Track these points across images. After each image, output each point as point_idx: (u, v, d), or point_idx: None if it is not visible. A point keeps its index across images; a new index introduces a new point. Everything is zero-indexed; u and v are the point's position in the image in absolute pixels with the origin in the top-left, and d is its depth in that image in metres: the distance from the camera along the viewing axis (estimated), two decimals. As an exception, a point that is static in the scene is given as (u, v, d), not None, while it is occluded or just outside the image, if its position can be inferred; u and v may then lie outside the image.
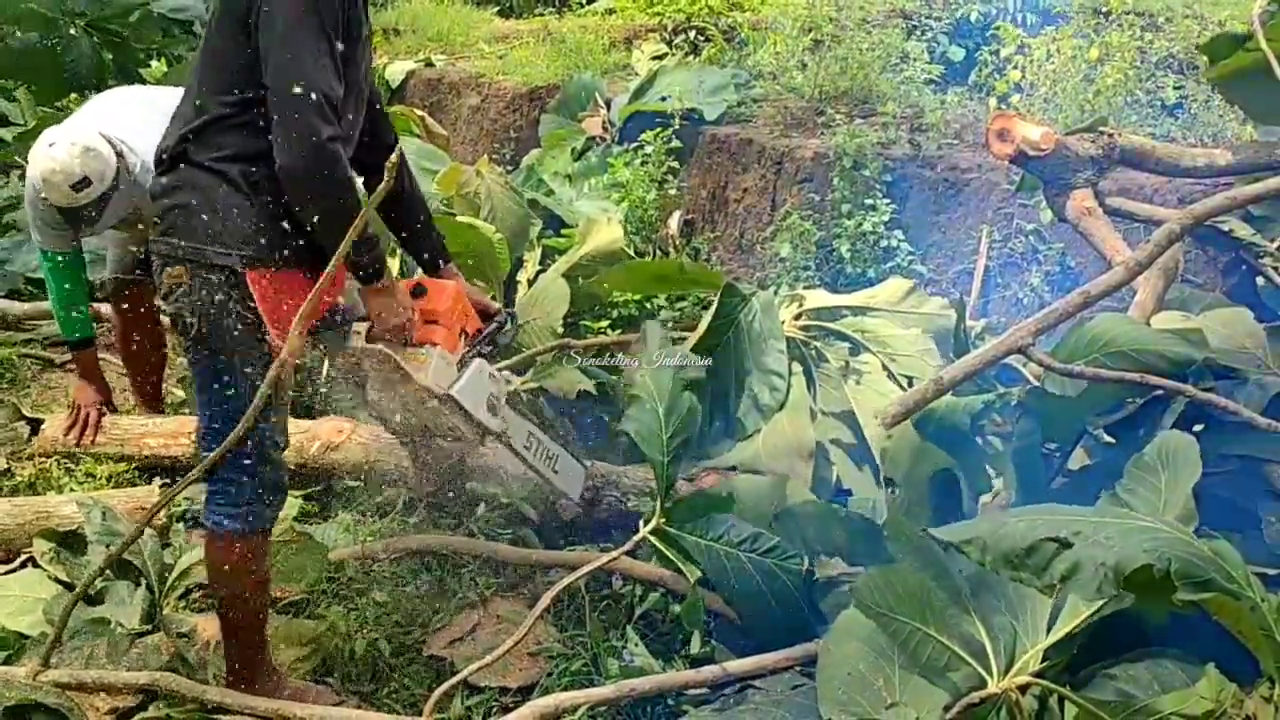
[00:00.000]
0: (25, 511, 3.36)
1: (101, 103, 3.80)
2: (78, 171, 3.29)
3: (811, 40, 6.21)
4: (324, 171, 2.27)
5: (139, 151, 3.41)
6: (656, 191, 5.62)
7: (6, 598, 3.04)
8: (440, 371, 2.70)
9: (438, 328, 2.72)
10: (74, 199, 3.33)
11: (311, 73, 2.24)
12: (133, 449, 3.90)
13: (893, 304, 4.06)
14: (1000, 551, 2.08)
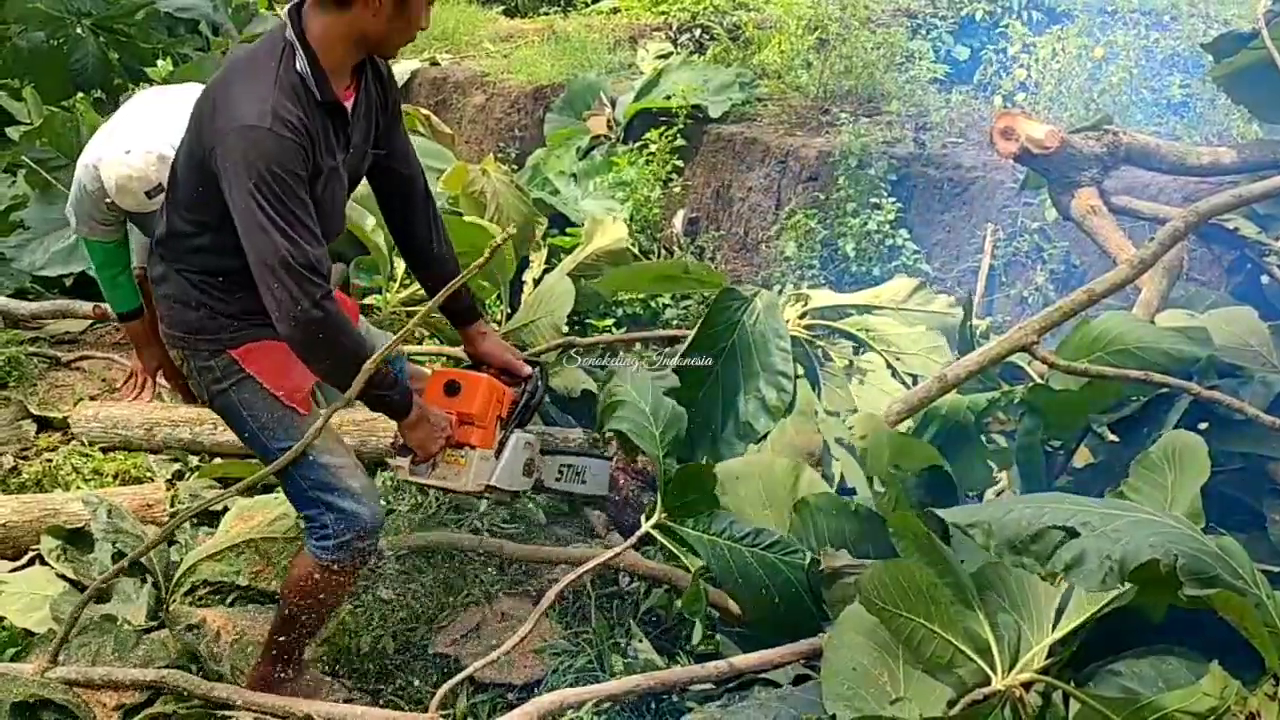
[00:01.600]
0: (32, 509, 3.37)
1: (160, 106, 3.80)
2: (154, 179, 3.29)
3: (816, 39, 6.21)
4: (318, 335, 2.35)
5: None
6: (661, 190, 5.63)
7: (14, 595, 3.06)
8: (480, 471, 2.73)
9: (474, 429, 2.71)
10: (146, 205, 3.34)
11: (281, 244, 2.27)
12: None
13: (898, 302, 4.06)
14: (1005, 536, 2.09)
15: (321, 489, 2.56)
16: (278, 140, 2.26)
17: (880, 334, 3.88)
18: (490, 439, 2.74)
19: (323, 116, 2.39)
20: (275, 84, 2.31)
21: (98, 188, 3.40)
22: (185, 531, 3.46)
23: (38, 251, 5.41)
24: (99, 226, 3.57)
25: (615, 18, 8.30)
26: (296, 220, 2.30)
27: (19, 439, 4.09)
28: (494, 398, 2.75)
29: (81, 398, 4.39)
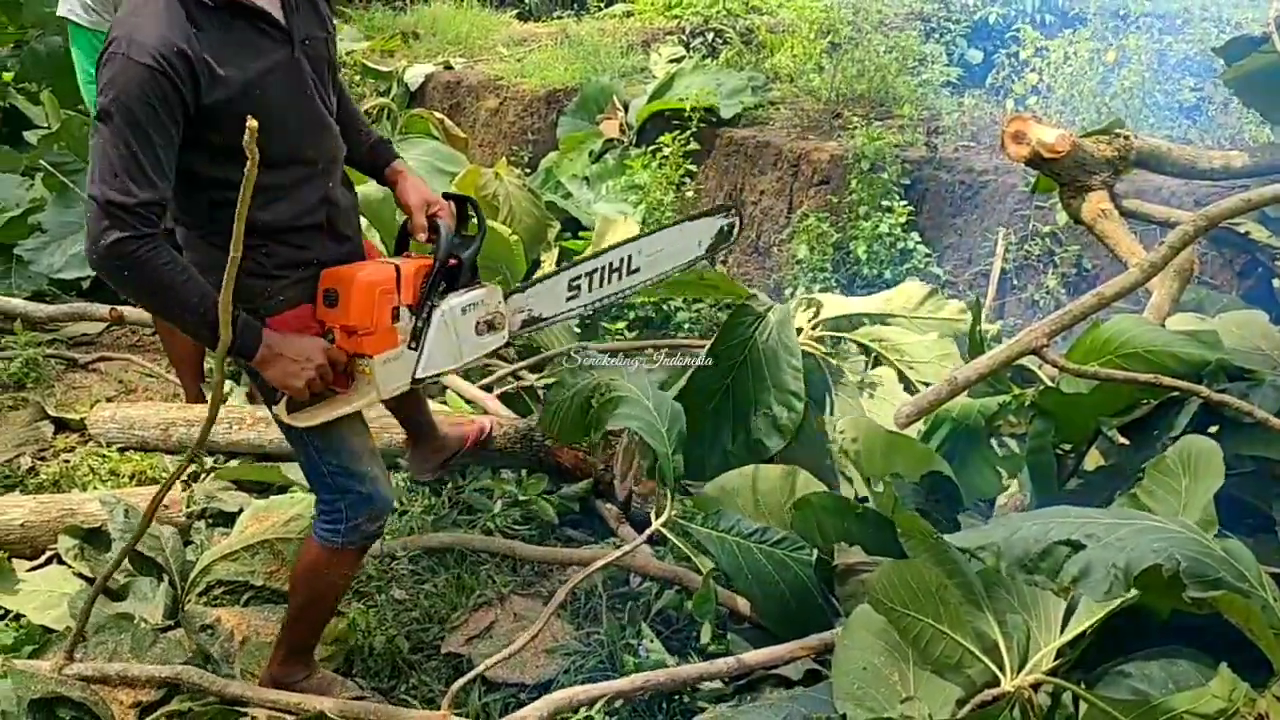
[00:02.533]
0: (50, 509, 3.40)
1: None
2: None
3: (829, 43, 6.23)
4: (119, 272, 2.20)
5: None
6: (674, 193, 5.64)
7: (33, 593, 3.09)
8: (391, 374, 2.50)
9: (364, 338, 2.44)
10: None
11: (101, 178, 2.16)
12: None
13: (910, 309, 4.07)
14: (1014, 556, 2.09)
15: (342, 474, 2.54)
16: (133, 67, 2.13)
17: (892, 343, 3.89)
18: (389, 340, 2.47)
19: (224, 24, 2.25)
20: (150, 3, 2.20)
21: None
22: (201, 532, 3.50)
23: (55, 254, 5.46)
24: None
25: (628, 21, 8.33)
26: (129, 156, 2.15)
27: (37, 440, 4.12)
28: (378, 292, 2.44)
29: (98, 399, 4.43)
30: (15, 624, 2.97)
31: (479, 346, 2.67)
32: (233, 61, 2.25)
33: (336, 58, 2.61)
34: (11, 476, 3.84)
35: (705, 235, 3.29)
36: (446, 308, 2.57)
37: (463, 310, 2.59)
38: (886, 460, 3.13)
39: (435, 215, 2.61)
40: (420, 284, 2.53)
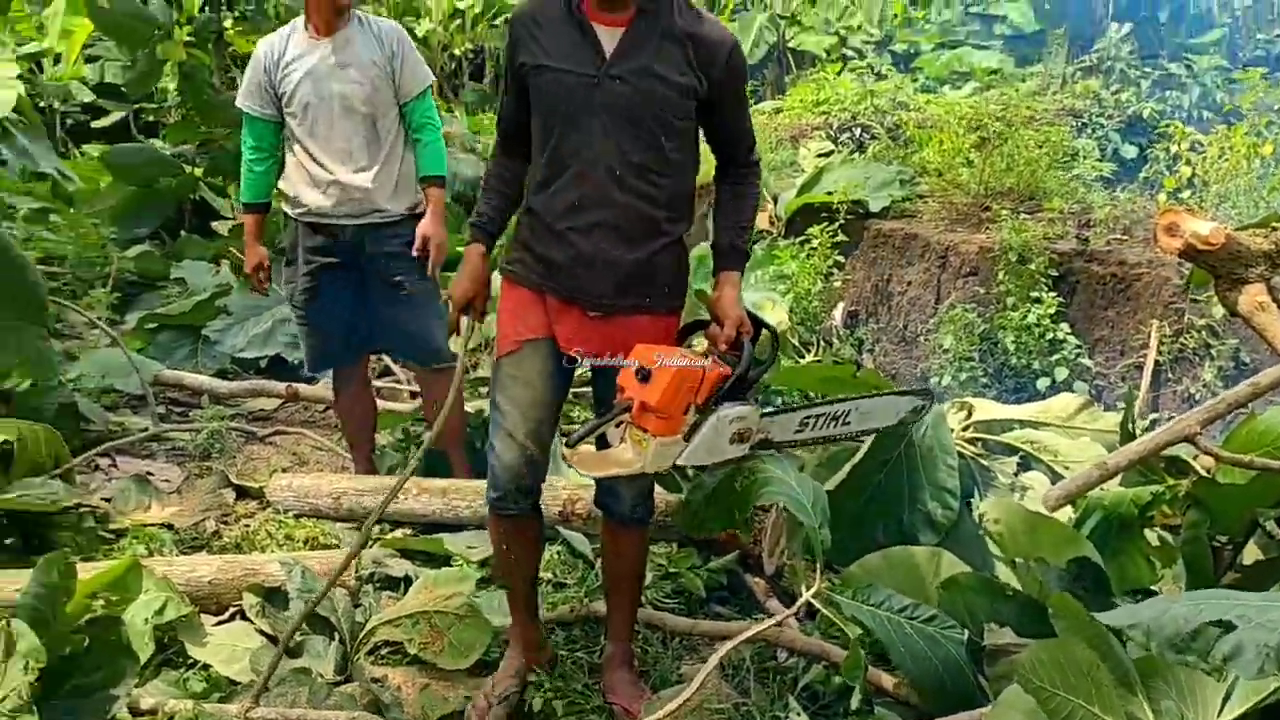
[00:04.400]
0: (234, 568, 3.64)
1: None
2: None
3: (978, 138, 6.32)
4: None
5: None
6: (821, 283, 5.76)
7: (219, 646, 3.31)
8: (661, 455, 2.70)
9: (653, 417, 2.65)
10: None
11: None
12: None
13: (1064, 419, 4.05)
14: (1164, 635, 2.10)
15: (488, 427, 2.92)
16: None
17: (1045, 445, 3.89)
18: (673, 428, 2.67)
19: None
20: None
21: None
22: (369, 595, 3.69)
23: (239, 335, 5.87)
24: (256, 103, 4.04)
25: (777, 118, 8.56)
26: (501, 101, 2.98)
27: (220, 505, 4.42)
28: (683, 389, 2.65)
29: (275, 469, 4.72)
30: (204, 673, 3.18)
31: (726, 452, 2.82)
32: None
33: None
34: (199, 538, 4.12)
35: (903, 409, 3.35)
36: (723, 414, 2.74)
37: (731, 420, 2.75)
38: (1031, 542, 3.14)
39: (743, 334, 2.76)
40: (713, 389, 2.72)
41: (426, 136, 4.10)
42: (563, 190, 2.76)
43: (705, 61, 2.68)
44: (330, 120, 3.96)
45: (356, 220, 4.04)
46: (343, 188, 3.99)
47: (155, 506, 4.37)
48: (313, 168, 4.01)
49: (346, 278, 4.12)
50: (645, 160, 2.71)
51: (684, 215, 2.87)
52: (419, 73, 4.07)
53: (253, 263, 4.26)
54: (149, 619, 3.20)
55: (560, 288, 2.82)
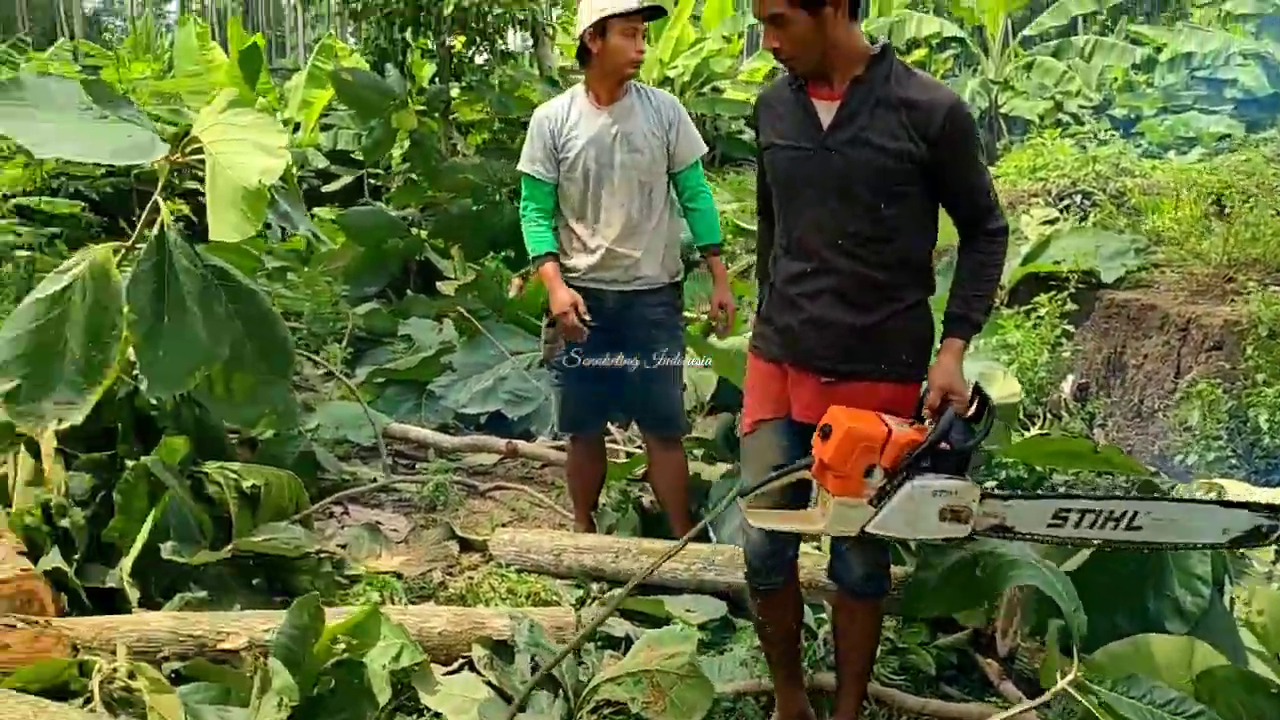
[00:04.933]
0: (464, 621, 3.72)
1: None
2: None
3: (1216, 205, 6.02)
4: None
5: None
6: (1049, 354, 5.56)
7: (448, 695, 3.38)
8: (844, 518, 2.64)
9: (830, 475, 2.62)
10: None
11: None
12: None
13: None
14: None
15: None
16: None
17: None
18: (851, 488, 2.61)
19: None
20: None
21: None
22: (591, 653, 3.71)
23: (462, 391, 6.06)
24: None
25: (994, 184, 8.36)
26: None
27: (446, 557, 4.54)
28: (859, 448, 2.58)
29: (497, 523, 4.82)
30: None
31: (936, 530, 2.69)
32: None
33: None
34: (426, 587, 4.24)
35: (1234, 525, 2.85)
36: (919, 484, 2.62)
37: (933, 493, 2.63)
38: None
39: (949, 400, 2.68)
40: (903, 455, 2.62)
41: (700, 204, 4.18)
42: (793, 258, 2.84)
43: (921, 124, 2.66)
44: (610, 188, 4.04)
45: (622, 286, 4.10)
46: (612, 254, 4.06)
47: (385, 555, 4.52)
48: (584, 233, 4.10)
49: (606, 343, 4.14)
50: (865, 227, 2.72)
51: (919, 281, 2.82)
52: (694, 144, 4.14)
53: (567, 303, 4.06)
54: (386, 665, 3.29)
55: (793, 354, 2.85)
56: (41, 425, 3.99)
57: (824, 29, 2.65)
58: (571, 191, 4.09)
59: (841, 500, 2.62)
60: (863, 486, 2.62)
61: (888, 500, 2.62)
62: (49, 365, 4.07)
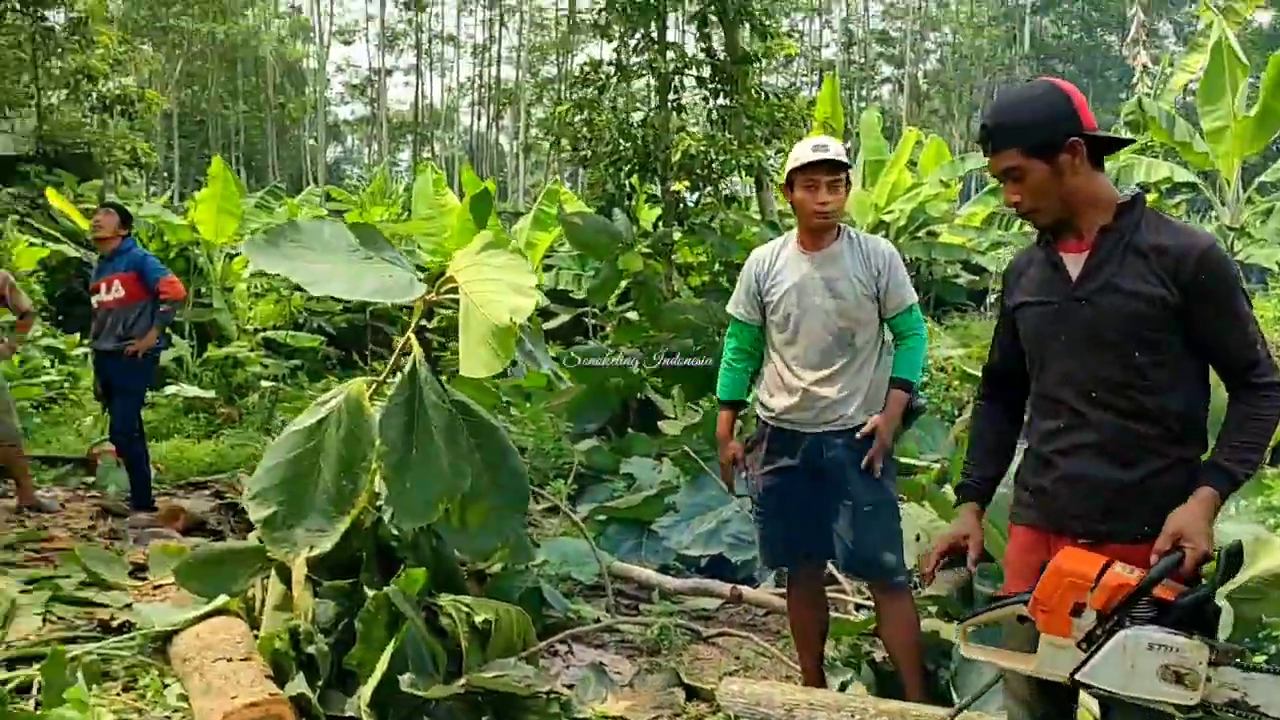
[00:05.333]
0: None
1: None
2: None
3: None
4: None
5: None
6: (1324, 518, 5.12)
7: None
8: (1052, 659, 2.53)
9: (1040, 611, 2.54)
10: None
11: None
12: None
13: None
14: None
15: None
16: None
17: None
18: (1058, 626, 2.51)
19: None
20: None
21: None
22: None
23: (684, 532, 6.01)
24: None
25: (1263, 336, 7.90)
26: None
27: (672, 704, 4.42)
28: (1065, 583, 2.50)
29: (721, 671, 4.69)
30: None
31: (1154, 690, 2.47)
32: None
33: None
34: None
35: None
36: (1134, 633, 2.46)
37: (1149, 646, 2.45)
38: None
39: (1179, 545, 2.50)
40: (1115, 598, 2.48)
41: (909, 344, 4.14)
42: (1046, 416, 2.74)
43: (1171, 269, 2.54)
44: (809, 331, 4.07)
45: (819, 427, 4.08)
46: (809, 395, 4.06)
47: (611, 699, 4.44)
48: (785, 374, 4.13)
49: (804, 482, 4.13)
50: (1116, 374, 2.60)
51: (1186, 437, 2.62)
52: (903, 293, 4.12)
53: (727, 456, 4.36)
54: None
55: (1049, 515, 2.71)
56: (294, 552, 4.14)
57: (1062, 177, 2.60)
58: (775, 333, 4.16)
59: (1049, 639, 2.53)
60: (1069, 626, 2.51)
61: (1098, 646, 2.47)
62: (303, 493, 4.24)
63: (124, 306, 7.26)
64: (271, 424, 10.53)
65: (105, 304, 7.30)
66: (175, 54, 35.00)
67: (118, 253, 7.36)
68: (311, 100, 46.89)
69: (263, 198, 17.27)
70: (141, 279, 7.27)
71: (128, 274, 7.26)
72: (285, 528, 4.19)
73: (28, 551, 6.10)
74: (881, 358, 4.15)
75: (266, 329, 13.30)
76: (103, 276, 7.39)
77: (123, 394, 7.35)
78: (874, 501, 4.05)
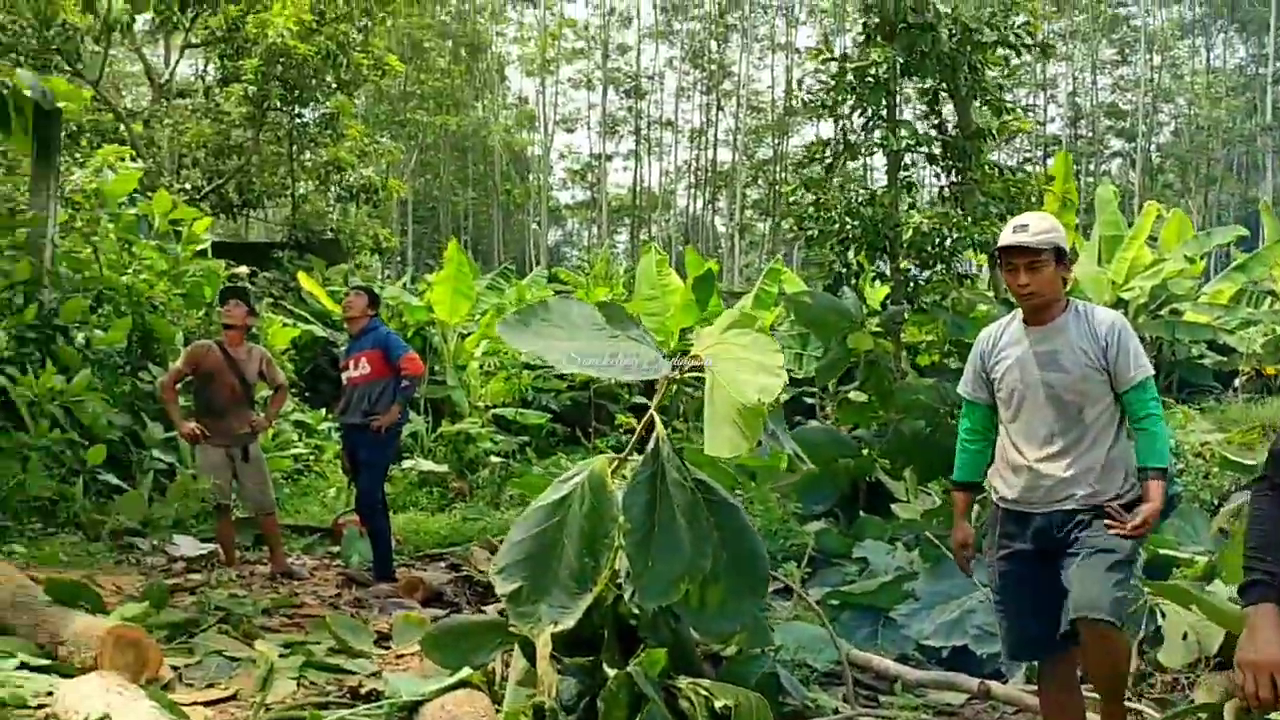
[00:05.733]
0: None
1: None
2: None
3: None
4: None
5: None
6: None
7: None
8: None
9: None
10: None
11: None
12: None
13: None
14: None
15: None
16: None
17: None
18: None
19: None
20: None
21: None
22: None
23: (925, 621, 5.76)
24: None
25: None
26: None
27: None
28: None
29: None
30: None
31: None
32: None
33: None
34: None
35: None
36: None
37: None
38: None
39: None
40: None
41: (1146, 425, 3.94)
42: None
43: None
44: (1033, 407, 3.97)
45: (1049, 507, 3.93)
46: (1036, 473, 3.94)
47: (856, 793, 4.26)
48: (1012, 452, 4.04)
49: (1039, 566, 3.97)
50: None
51: None
52: (1136, 364, 3.94)
53: (958, 539, 4.31)
54: None
55: None
56: (538, 627, 4.16)
57: None
58: (1002, 410, 4.10)
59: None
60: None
61: None
62: (547, 569, 4.27)
63: (369, 383, 7.61)
64: (501, 499, 10.80)
65: (353, 380, 7.67)
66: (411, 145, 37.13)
67: (365, 331, 7.74)
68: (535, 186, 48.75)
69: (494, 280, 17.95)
70: (386, 356, 7.61)
71: (374, 351, 7.62)
72: (530, 603, 4.22)
73: (281, 616, 6.38)
74: (1118, 437, 3.97)
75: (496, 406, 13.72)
76: (351, 354, 7.77)
77: (368, 467, 7.67)
78: (1108, 548, 3.81)
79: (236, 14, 16.80)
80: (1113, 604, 3.76)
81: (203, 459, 7.83)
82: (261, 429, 8.08)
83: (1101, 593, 3.80)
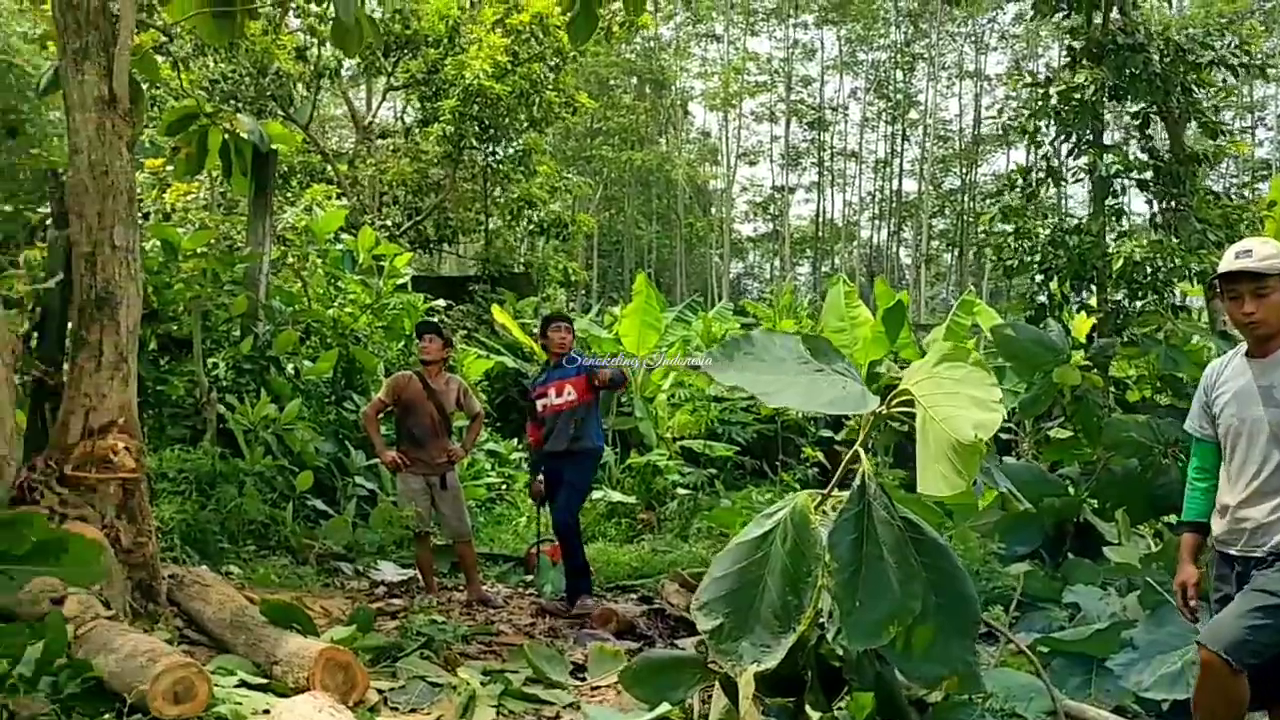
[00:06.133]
0: None
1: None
2: None
3: None
4: None
5: None
6: None
7: None
8: None
9: None
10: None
11: None
12: None
13: None
14: None
15: None
16: None
17: None
18: None
19: None
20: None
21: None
22: None
23: (1144, 672, 5.41)
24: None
25: None
26: None
27: None
28: None
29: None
30: None
31: None
32: None
33: None
34: None
35: None
36: None
37: None
38: None
39: None
40: None
41: None
42: None
43: None
44: (1246, 445, 3.77)
45: (1249, 552, 3.75)
46: (1235, 516, 3.78)
47: None
48: (1222, 492, 3.89)
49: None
50: None
51: None
52: None
53: (1180, 580, 4.10)
54: None
55: None
56: (740, 665, 4.08)
57: None
58: (1223, 448, 3.90)
59: None
60: None
61: None
62: (749, 607, 4.19)
63: (573, 408, 7.74)
64: (689, 531, 10.76)
65: (554, 407, 7.79)
66: (597, 180, 37.87)
67: (568, 360, 7.88)
68: (718, 219, 48.97)
69: (681, 312, 18.04)
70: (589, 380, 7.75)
71: (579, 378, 7.76)
72: (731, 640, 4.15)
73: (479, 644, 6.49)
74: None
75: (684, 438, 13.73)
76: (551, 382, 7.89)
77: (571, 487, 7.80)
78: (1269, 589, 3.60)
79: (436, 57, 17.47)
80: (1234, 642, 3.58)
81: (403, 486, 8.07)
82: (459, 458, 8.27)
83: (1229, 627, 3.63)
